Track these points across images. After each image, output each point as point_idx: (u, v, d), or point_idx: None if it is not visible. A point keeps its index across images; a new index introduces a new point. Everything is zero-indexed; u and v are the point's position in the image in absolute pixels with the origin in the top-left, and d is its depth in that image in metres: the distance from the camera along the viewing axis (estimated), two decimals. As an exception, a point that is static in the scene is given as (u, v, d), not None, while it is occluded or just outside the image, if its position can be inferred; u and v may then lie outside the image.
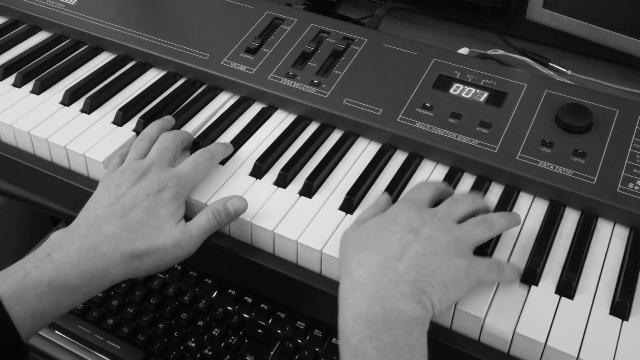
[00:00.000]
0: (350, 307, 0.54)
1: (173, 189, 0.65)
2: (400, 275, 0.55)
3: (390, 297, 0.54)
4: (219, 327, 0.75)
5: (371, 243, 0.58)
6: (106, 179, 0.67)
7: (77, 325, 0.77)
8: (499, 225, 0.62)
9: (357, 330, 0.53)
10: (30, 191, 0.82)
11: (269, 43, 0.85)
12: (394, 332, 0.52)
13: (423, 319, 0.54)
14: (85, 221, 0.62)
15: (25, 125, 0.77)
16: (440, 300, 0.55)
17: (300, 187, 0.71)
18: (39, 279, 0.58)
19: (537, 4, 0.92)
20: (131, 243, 0.61)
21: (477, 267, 0.58)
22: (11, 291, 0.57)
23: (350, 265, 0.57)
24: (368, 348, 0.52)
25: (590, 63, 1.00)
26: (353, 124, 0.77)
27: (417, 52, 0.83)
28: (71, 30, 0.91)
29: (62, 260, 0.59)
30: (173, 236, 0.63)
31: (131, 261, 0.61)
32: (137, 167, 0.66)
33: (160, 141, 0.70)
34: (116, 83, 0.83)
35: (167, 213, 0.63)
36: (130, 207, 0.63)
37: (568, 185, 0.68)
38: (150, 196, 0.63)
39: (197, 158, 0.69)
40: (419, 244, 0.57)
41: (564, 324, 0.58)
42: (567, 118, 0.73)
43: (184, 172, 0.67)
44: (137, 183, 0.65)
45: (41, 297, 0.58)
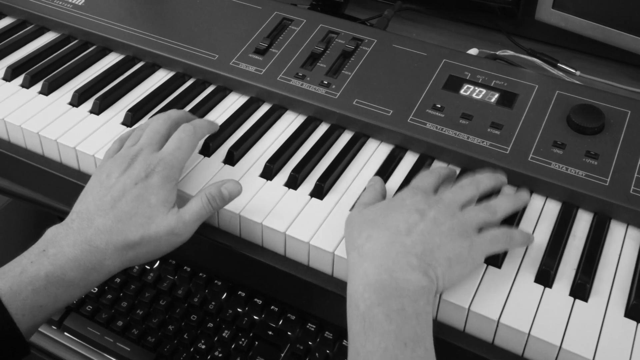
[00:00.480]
0: (359, 276, 0.56)
1: (161, 172, 0.63)
2: (407, 248, 0.57)
3: (399, 267, 0.55)
4: (229, 329, 0.75)
5: (379, 221, 0.60)
6: (99, 168, 0.66)
7: (86, 327, 0.76)
8: (504, 208, 0.64)
9: (367, 296, 0.54)
10: (39, 192, 0.82)
11: (277, 43, 0.85)
12: (401, 300, 0.54)
13: (429, 289, 0.56)
14: (78, 215, 0.62)
15: (34, 126, 0.77)
16: (444, 274, 0.57)
17: (311, 188, 0.71)
18: (35, 274, 0.58)
19: (547, 5, 0.92)
20: (123, 235, 0.60)
21: (480, 244, 0.60)
22: (9, 287, 0.57)
23: (358, 241, 0.59)
24: (376, 313, 0.53)
25: (599, 64, 1.00)
26: (363, 125, 0.77)
27: (426, 53, 0.83)
28: (79, 31, 0.90)
29: (57, 255, 0.59)
30: (166, 224, 0.62)
31: (126, 252, 0.61)
32: (126, 154, 0.65)
33: (152, 124, 0.68)
34: (125, 84, 0.83)
35: (157, 200, 0.62)
36: (120, 196, 0.62)
37: (581, 187, 0.68)
38: (139, 184, 0.62)
39: (180, 134, 0.67)
40: (425, 224, 0.59)
41: (579, 327, 0.58)
42: (579, 119, 0.73)
43: (169, 152, 0.65)
44: (125, 171, 0.63)
45: (39, 291, 0.58)
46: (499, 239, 0.61)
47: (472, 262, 0.59)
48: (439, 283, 0.57)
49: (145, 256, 0.62)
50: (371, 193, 0.66)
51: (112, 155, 0.68)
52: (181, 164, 0.66)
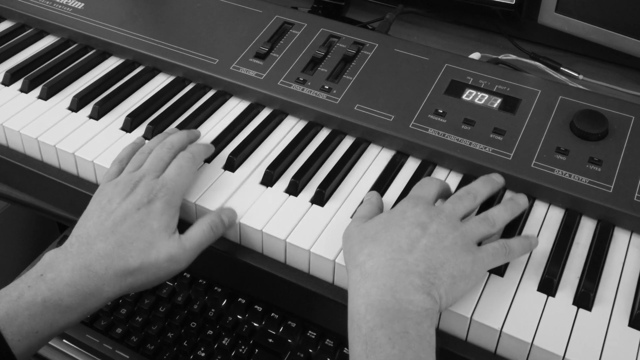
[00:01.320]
0: (361, 296, 0.55)
1: (163, 198, 0.63)
2: (410, 267, 0.56)
3: (401, 287, 0.54)
4: (229, 336, 0.74)
5: (379, 237, 0.59)
6: (100, 192, 0.66)
7: (85, 335, 0.76)
8: (502, 219, 0.63)
9: (369, 318, 0.53)
10: (38, 198, 0.81)
11: (278, 48, 0.84)
12: (405, 322, 0.53)
13: (433, 311, 0.55)
14: (77, 240, 0.61)
15: (33, 132, 0.76)
16: (447, 292, 0.56)
17: (312, 195, 0.70)
18: (32, 299, 0.57)
19: (550, 9, 0.91)
20: (124, 260, 0.60)
21: (482, 259, 0.59)
22: (5, 312, 0.56)
23: (359, 257, 0.58)
24: (379, 336, 0.52)
25: (601, 67, 0.99)
26: (365, 131, 0.76)
27: (428, 58, 0.82)
28: (78, 35, 0.90)
29: (55, 280, 0.58)
30: (166, 251, 0.61)
31: (125, 278, 0.60)
32: (129, 180, 0.65)
33: (156, 151, 0.69)
34: (124, 88, 0.83)
35: (159, 225, 0.62)
36: (121, 222, 0.61)
37: (584, 194, 0.67)
38: (141, 209, 0.62)
39: (180, 161, 0.67)
40: (427, 239, 0.58)
41: (583, 337, 0.58)
42: (582, 125, 0.72)
43: (171, 179, 0.65)
44: (127, 197, 0.63)
45: (35, 317, 0.57)
46: (499, 252, 0.60)
47: (475, 278, 0.58)
48: (441, 302, 0.55)
49: (144, 283, 0.62)
50: (368, 206, 0.65)
51: (111, 179, 0.67)
52: (182, 190, 0.66)
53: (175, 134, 0.72)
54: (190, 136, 0.73)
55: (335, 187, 0.71)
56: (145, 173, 0.66)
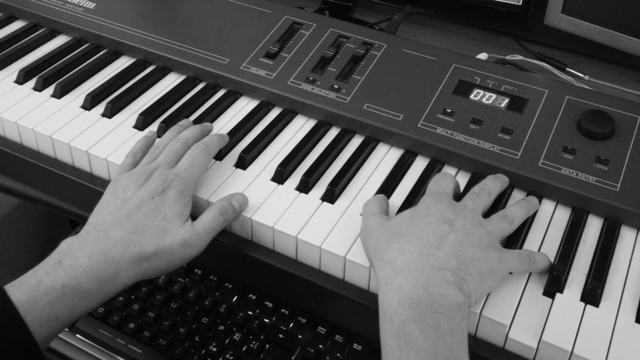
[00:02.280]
0: (393, 290, 0.56)
1: (177, 187, 0.65)
2: (441, 262, 0.56)
3: (434, 282, 0.55)
4: (240, 332, 0.75)
5: (407, 233, 0.59)
6: (115, 182, 0.67)
7: (98, 329, 0.77)
8: (519, 217, 0.65)
9: (401, 311, 0.54)
10: (51, 195, 0.82)
11: (288, 48, 0.85)
12: (437, 316, 0.53)
13: (464, 305, 0.55)
14: (94, 227, 0.63)
15: (47, 130, 0.77)
16: (476, 289, 0.57)
17: (322, 192, 0.71)
18: (51, 285, 0.59)
19: (556, 10, 0.92)
20: (139, 246, 0.62)
21: (508, 259, 0.60)
22: (25, 298, 0.58)
23: (389, 254, 0.58)
24: (412, 329, 0.53)
25: (607, 68, 1.00)
26: (374, 130, 0.77)
27: (436, 58, 0.83)
28: (90, 34, 0.91)
29: (73, 267, 0.60)
30: (180, 236, 0.63)
31: (140, 264, 0.62)
32: (143, 170, 0.67)
33: (170, 145, 0.71)
34: (136, 87, 0.84)
35: (173, 213, 0.64)
36: (136, 209, 0.63)
37: (591, 192, 0.68)
38: (156, 197, 0.64)
39: (193, 152, 0.69)
40: (455, 235, 0.59)
41: (590, 332, 0.58)
42: (589, 124, 0.73)
43: (184, 169, 0.67)
44: (142, 186, 0.65)
45: (55, 302, 0.58)
46: (524, 260, 0.61)
47: (500, 275, 0.59)
48: (471, 297, 0.56)
49: (159, 269, 0.63)
50: (376, 201, 0.66)
51: (125, 170, 0.69)
52: (195, 180, 0.68)
53: (188, 128, 0.74)
54: (203, 130, 0.75)
55: (345, 185, 0.72)
56: (160, 164, 0.68)
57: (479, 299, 0.58)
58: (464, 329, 0.55)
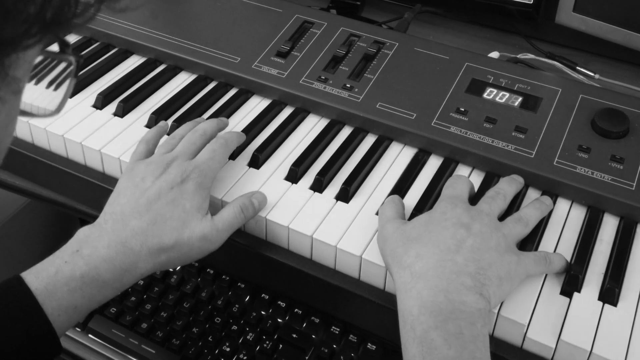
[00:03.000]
0: (413, 297, 0.55)
1: (196, 179, 0.64)
2: (460, 268, 0.56)
3: (453, 288, 0.55)
4: (253, 332, 0.75)
5: (424, 238, 0.59)
6: (131, 170, 0.67)
7: (111, 329, 0.77)
8: (534, 218, 0.65)
9: (423, 319, 0.54)
10: (63, 194, 0.82)
11: (299, 47, 0.85)
12: (458, 323, 0.53)
13: (485, 311, 0.55)
14: (112, 217, 0.62)
15: (59, 129, 0.77)
16: (495, 293, 0.57)
17: (336, 191, 0.71)
18: (70, 274, 0.58)
19: (567, 8, 0.92)
20: (158, 237, 0.61)
21: (525, 262, 0.60)
22: (44, 287, 0.57)
23: (407, 259, 0.58)
24: (434, 337, 0.52)
25: (616, 67, 1.00)
26: (387, 129, 0.77)
27: (449, 56, 0.83)
28: (100, 33, 0.91)
29: (91, 256, 0.59)
30: (200, 230, 0.62)
31: (158, 255, 0.61)
32: (161, 160, 0.66)
33: (188, 136, 0.70)
34: (148, 86, 0.83)
35: (192, 205, 0.63)
36: (155, 200, 0.63)
37: (607, 191, 0.68)
38: (175, 188, 0.63)
39: (213, 146, 0.68)
40: (473, 239, 0.58)
41: (609, 332, 0.58)
42: (603, 123, 0.73)
43: (203, 162, 0.66)
44: (161, 176, 0.64)
45: (74, 291, 0.58)
46: (540, 262, 0.61)
47: (518, 279, 0.59)
48: (491, 302, 0.56)
49: (176, 261, 0.63)
50: (392, 205, 0.66)
51: (139, 158, 0.68)
52: (214, 174, 0.67)
53: (206, 121, 0.73)
54: (220, 124, 0.74)
55: (360, 184, 0.72)
56: (178, 155, 0.67)
57: (497, 303, 0.58)
58: (486, 335, 0.54)
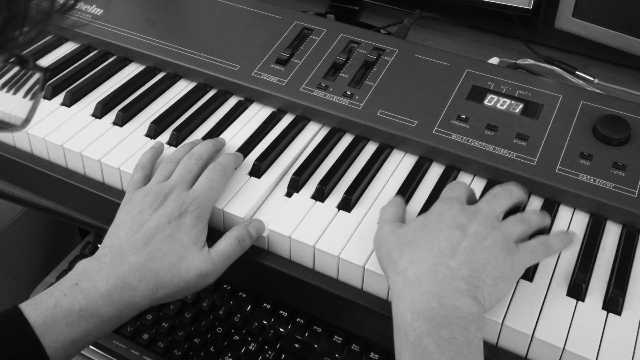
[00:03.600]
0: (406, 303, 0.55)
1: (194, 212, 0.64)
2: (453, 272, 0.56)
3: (446, 293, 0.54)
4: (256, 342, 0.74)
5: (418, 242, 0.59)
6: (128, 202, 0.66)
7: (112, 341, 0.76)
8: (535, 222, 0.64)
9: (415, 325, 0.53)
10: (62, 204, 0.81)
11: (299, 54, 0.85)
12: (452, 328, 0.53)
13: (479, 315, 0.55)
14: (110, 251, 0.62)
15: (58, 139, 0.77)
16: (491, 294, 0.56)
17: (338, 200, 0.70)
18: (69, 308, 0.58)
19: (567, 13, 0.92)
20: (155, 273, 0.61)
21: (522, 258, 0.59)
22: (43, 320, 0.57)
23: (400, 264, 0.58)
24: (427, 343, 0.52)
25: (615, 71, 1.00)
26: (388, 136, 0.76)
27: (449, 63, 0.82)
28: (98, 41, 0.90)
29: (90, 290, 0.59)
30: (196, 266, 0.62)
31: (157, 291, 0.61)
32: (159, 191, 0.65)
33: (184, 162, 0.69)
34: (147, 95, 0.83)
35: (189, 239, 0.63)
36: (153, 235, 0.62)
37: (609, 199, 0.68)
38: (172, 222, 0.63)
39: (210, 174, 0.67)
40: (468, 241, 0.58)
41: (614, 341, 0.58)
42: (605, 130, 0.72)
43: (201, 193, 0.66)
44: (158, 209, 0.64)
45: (72, 325, 0.58)
46: (538, 250, 0.60)
47: (515, 277, 0.59)
48: (485, 304, 0.56)
49: (174, 296, 0.62)
50: (392, 208, 0.65)
51: (137, 187, 0.68)
52: (212, 204, 0.67)
53: (201, 144, 0.72)
54: (216, 145, 0.73)
55: (361, 193, 0.72)
56: (175, 185, 0.66)
57: (494, 304, 0.57)
58: (480, 339, 0.54)
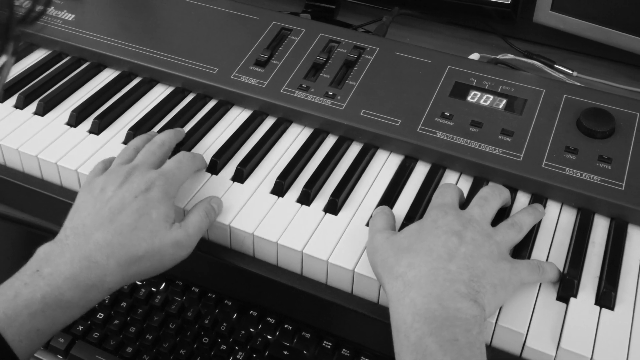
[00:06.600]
0: (406, 305, 0.54)
1: (161, 187, 0.62)
2: (454, 275, 0.55)
3: (447, 295, 0.54)
4: (243, 350, 0.72)
5: (415, 247, 0.58)
6: (89, 184, 0.64)
7: (95, 355, 0.74)
8: (527, 224, 0.64)
9: (417, 326, 0.52)
10: (38, 216, 0.79)
11: (278, 55, 0.83)
12: (454, 330, 0.52)
13: (480, 318, 0.54)
14: (73, 231, 0.59)
15: (32, 149, 0.74)
16: (490, 301, 0.56)
17: (324, 203, 0.69)
18: (31, 297, 0.55)
19: (545, 7, 0.91)
20: (126, 248, 0.59)
21: (519, 270, 0.59)
22: (3, 312, 0.54)
23: (398, 269, 0.57)
24: (429, 343, 0.51)
25: (593, 64, 1.00)
26: (372, 136, 0.75)
27: (430, 60, 0.81)
28: (71, 47, 0.87)
29: (53, 275, 0.56)
30: (171, 237, 0.61)
31: (128, 267, 0.59)
32: (121, 170, 0.64)
33: (147, 146, 0.68)
34: (123, 101, 0.81)
35: (158, 214, 0.61)
36: (119, 209, 0.60)
37: (597, 192, 0.67)
38: (139, 197, 0.61)
39: (180, 157, 0.67)
40: (465, 247, 0.57)
41: (608, 336, 0.58)
42: (589, 123, 0.72)
43: (169, 171, 0.65)
44: (123, 185, 0.62)
45: (35, 315, 0.55)
46: (534, 270, 0.60)
47: (512, 287, 0.58)
48: (486, 310, 0.55)
49: (147, 271, 0.60)
50: (384, 217, 0.64)
51: (98, 174, 0.66)
52: (179, 184, 0.65)
53: (163, 132, 0.72)
54: (177, 135, 0.73)
55: (348, 195, 0.70)
56: (139, 164, 0.65)
57: (493, 311, 0.57)
58: (482, 342, 0.53)
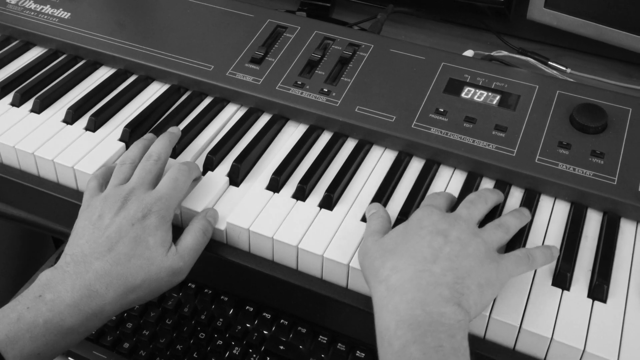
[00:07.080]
0: (390, 311, 0.54)
1: (158, 212, 0.62)
2: (437, 278, 0.54)
3: (431, 300, 0.53)
4: (240, 346, 0.73)
5: (400, 249, 0.57)
6: (87, 208, 0.64)
7: (92, 351, 0.74)
8: (514, 226, 0.63)
9: (400, 333, 0.52)
10: (34, 214, 0.79)
11: (273, 52, 0.84)
12: (438, 336, 0.51)
13: (465, 322, 0.53)
14: (72, 259, 0.60)
15: (29, 147, 0.74)
16: (476, 302, 0.55)
17: (319, 199, 0.70)
18: (33, 321, 0.56)
19: (538, 4, 0.92)
20: (124, 278, 0.59)
21: (506, 266, 0.58)
22: (5, 335, 0.55)
23: (382, 272, 0.56)
24: (413, 351, 0.51)
25: (586, 60, 1.00)
26: (367, 132, 0.76)
27: (425, 57, 0.82)
28: (67, 45, 0.88)
29: (55, 302, 0.57)
30: (167, 265, 0.61)
31: (126, 296, 0.60)
32: (118, 194, 0.63)
33: (143, 164, 0.67)
34: (119, 98, 0.81)
35: (155, 241, 0.61)
36: (117, 239, 0.60)
37: (589, 187, 0.68)
38: (136, 225, 0.61)
39: (175, 174, 0.65)
40: (450, 247, 0.57)
41: (601, 329, 0.58)
42: (582, 118, 0.73)
43: (165, 193, 0.64)
44: (119, 212, 0.62)
45: (37, 339, 0.56)
46: (522, 260, 0.59)
47: (500, 285, 0.57)
48: (471, 312, 0.54)
49: (145, 297, 0.61)
50: (378, 220, 0.64)
51: (94, 194, 0.65)
52: (176, 204, 0.65)
53: (157, 141, 0.70)
54: (172, 140, 0.71)
55: (343, 191, 0.71)
56: (135, 186, 0.64)
57: (479, 312, 0.56)
58: (466, 347, 0.53)
